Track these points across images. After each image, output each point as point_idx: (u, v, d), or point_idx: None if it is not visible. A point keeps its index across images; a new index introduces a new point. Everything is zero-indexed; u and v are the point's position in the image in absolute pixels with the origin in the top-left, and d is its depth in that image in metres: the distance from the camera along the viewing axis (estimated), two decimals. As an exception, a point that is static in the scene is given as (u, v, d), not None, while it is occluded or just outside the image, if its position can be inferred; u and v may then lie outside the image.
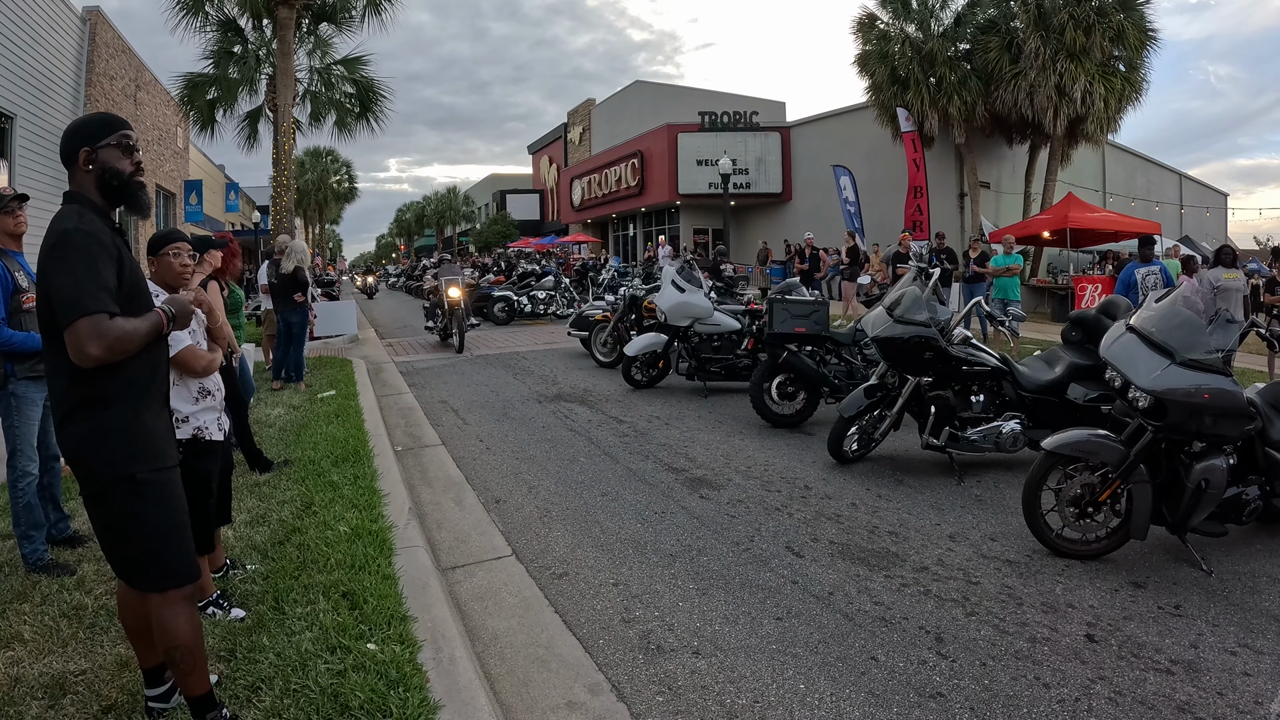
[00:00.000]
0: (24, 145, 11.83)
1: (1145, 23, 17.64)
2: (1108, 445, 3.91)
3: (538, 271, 19.79)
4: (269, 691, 2.62)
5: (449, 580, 3.85)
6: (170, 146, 20.34)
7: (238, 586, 3.50)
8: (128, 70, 16.67)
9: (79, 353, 2.07)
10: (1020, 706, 2.77)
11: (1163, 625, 3.38)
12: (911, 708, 2.78)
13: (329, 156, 46.48)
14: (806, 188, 27.80)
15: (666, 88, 39.35)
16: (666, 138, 29.32)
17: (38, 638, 3.02)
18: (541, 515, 4.85)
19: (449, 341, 13.04)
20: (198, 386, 3.16)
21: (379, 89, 16.27)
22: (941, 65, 19.18)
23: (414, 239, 69.88)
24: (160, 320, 2.27)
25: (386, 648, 2.86)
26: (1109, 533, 4.02)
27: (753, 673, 3.02)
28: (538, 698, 2.85)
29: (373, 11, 15.29)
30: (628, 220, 36.41)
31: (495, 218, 49.49)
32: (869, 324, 5.77)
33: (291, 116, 14.18)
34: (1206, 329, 3.80)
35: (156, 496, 2.25)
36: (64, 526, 4.05)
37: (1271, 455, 4.02)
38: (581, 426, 7.18)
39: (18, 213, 3.71)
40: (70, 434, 2.22)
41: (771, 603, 3.61)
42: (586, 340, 11.19)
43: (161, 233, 3.18)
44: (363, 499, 4.57)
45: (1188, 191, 32.97)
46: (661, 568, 4.02)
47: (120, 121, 2.37)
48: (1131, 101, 18.04)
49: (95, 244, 2.16)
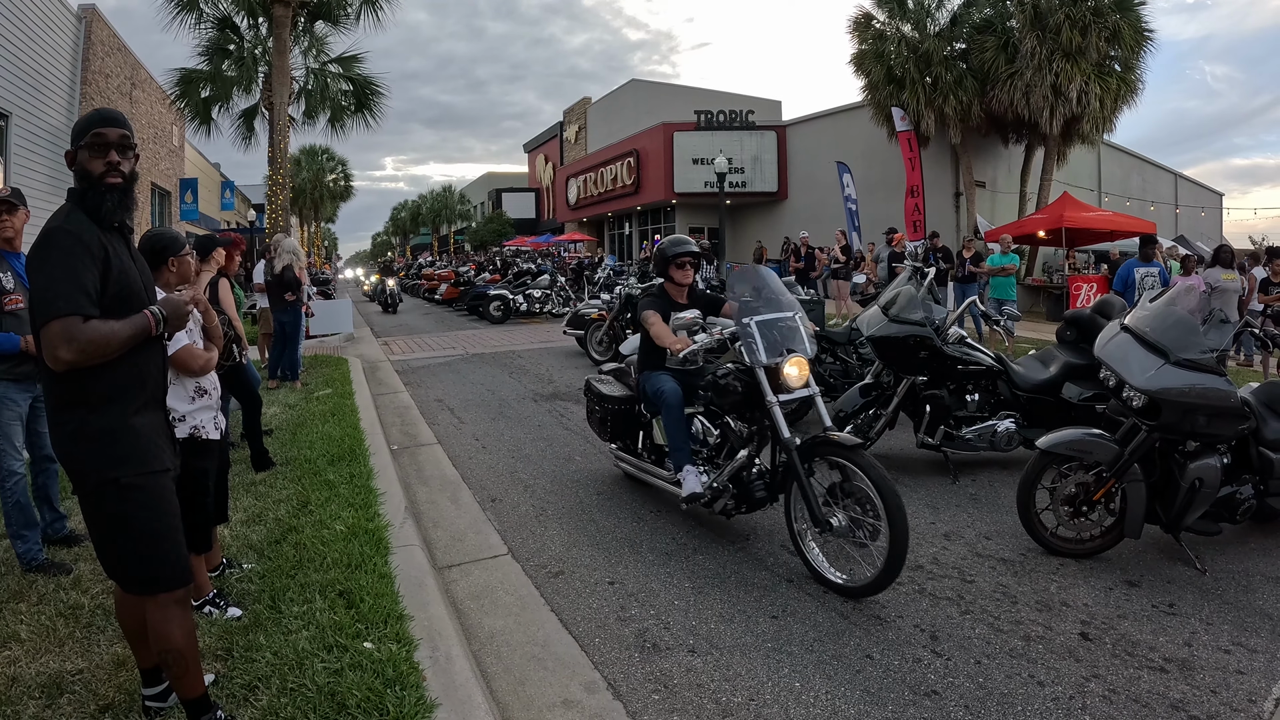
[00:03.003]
0: (19, 144, 11.77)
1: (1141, 23, 17.66)
2: (1102, 444, 3.93)
3: (533, 270, 19.78)
4: (266, 690, 2.62)
5: (445, 579, 3.85)
6: (165, 145, 20.27)
7: (234, 585, 3.50)
8: (123, 68, 16.61)
9: (50, 355, 2.04)
10: (1015, 704, 2.79)
11: (1157, 624, 3.40)
12: (906, 705, 2.80)
13: (325, 154, 46.34)
14: (802, 187, 27.81)
15: (662, 86, 39.35)
16: (662, 136, 29.31)
17: (34, 637, 3.02)
18: (537, 514, 4.85)
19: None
20: (194, 386, 3.15)
21: (375, 87, 16.24)
22: (937, 65, 19.19)
23: (410, 237, 69.80)
24: (147, 322, 2.21)
25: (383, 646, 2.86)
26: (1103, 531, 4.03)
27: (748, 671, 3.03)
28: (534, 696, 2.86)
29: (369, 9, 15.25)
30: (623, 219, 36.40)
31: (491, 216, 49.45)
32: (864, 323, 5.77)
33: (287, 115, 14.14)
34: (1201, 329, 3.82)
35: (144, 500, 2.23)
36: (60, 526, 4.05)
37: (1265, 454, 4.04)
38: (577, 425, 7.18)
39: (3, 217, 3.64)
40: (58, 434, 2.21)
41: (767, 601, 3.62)
42: (582, 339, 11.20)
43: (153, 245, 2.98)
44: (359, 498, 4.57)
45: (1183, 191, 33.04)
46: (657, 566, 4.03)
47: (99, 119, 2.28)
48: (1127, 101, 18.07)
49: (77, 244, 2.12)
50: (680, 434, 4.28)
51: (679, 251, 4.64)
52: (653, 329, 4.40)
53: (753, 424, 4.16)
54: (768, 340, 3.87)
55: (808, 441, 3.71)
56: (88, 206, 2.22)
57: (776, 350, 3.85)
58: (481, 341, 13.68)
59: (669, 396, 4.33)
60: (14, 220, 3.69)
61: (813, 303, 7.25)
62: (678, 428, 4.29)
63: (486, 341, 13.66)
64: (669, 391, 4.34)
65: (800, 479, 3.66)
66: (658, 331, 4.36)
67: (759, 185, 28.64)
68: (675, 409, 4.30)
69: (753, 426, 4.16)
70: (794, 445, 3.69)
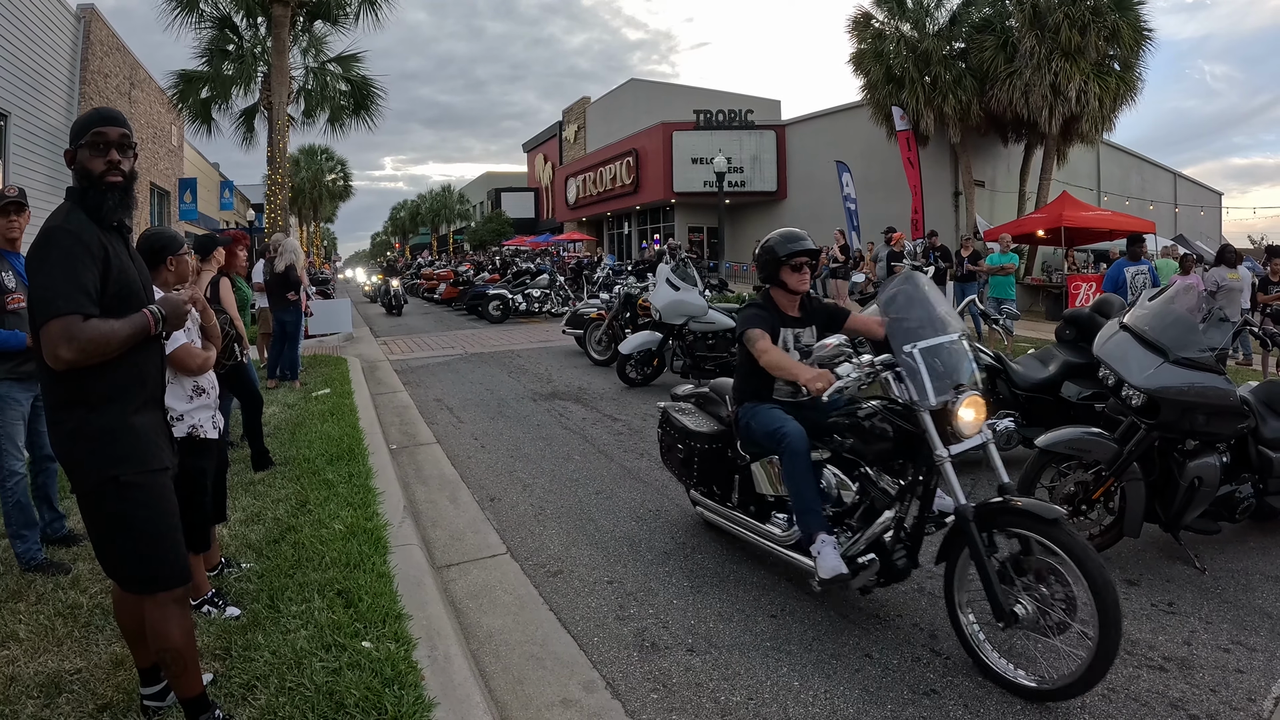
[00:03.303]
0: (18, 143, 11.77)
1: (1140, 22, 17.69)
2: (1101, 443, 3.93)
3: (532, 270, 19.79)
4: (264, 689, 2.61)
5: (444, 578, 3.85)
6: (165, 144, 20.25)
7: (233, 585, 3.49)
8: (122, 68, 16.59)
9: (51, 355, 2.04)
10: (1014, 703, 2.79)
11: (1156, 622, 3.40)
12: (905, 704, 2.80)
13: (324, 154, 46.36)
14: (801, 186, 27.84)
15: (661, 86, 39.37)
16: (661, 136, 29.34)
17: (33, 637, 3.01)
18: (536, 513, 4.85)
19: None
20: (192, 385, 3.15)
21: (373, 87, 16.24)
22: (937, 64, 19.22)
23: (409, 237, 69.83)
24: (146, 321, 2.20)
25: (381, 645, 2.86)
26: (1102, 530, 4.03)
27: (747, 670, 3.03)
28: (532, 695, 2.86)
29: (367, 9, 15.25)
30: (623, 218, 36.42)
31: (490, 216, 49.48)
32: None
33: (286, 114, 14.14)
34: (1200, 327, 3.82)
35: (143, 499, 2.23)
36: (59, 526, 4.04)
37: (1265, 453, 4.04)
38: (576, 424, 7.18)
39: (13, 217, 3.68)
40: (58, 433, 2.21)
41: (766, 600, 3.62)
42: (581, 338, 11.20)
43: (151, 244, 2.99)
44: (358, 497, 4.57)
45: (1182, 190, 33.07)
46: (656, 565, 4.03)
47: (99, 118, 2.28)
48: (1126, 101, 18.10)
49: (77, 243, 2.12)
50: (810, 489, 3.31)
51: (794, 250, 3.62)
52: (766, 357, 3.42)
53: (901, 476, 3.28)
54: (934, 373, 3.04)
55: (986, 508, 2.92)
56: (88, 205, 2.22)
57: (945, 386, 3.03)
58: (480, 341, 13.68)
59: (793, 440, 3.33)
60: (21, 220, 3.75)
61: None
62: (805, 481, 3.32)
63: (485, 341, 13.67)
64: (792, 434, 3.34)
65: (981, 561, 2.85)
66: (776, 361, 3.40)
67: (758, 185, 28.68)
68: (802, 457, 3.33)
69: (902, 480, 3.27)
70: (971, 514, 2.90)
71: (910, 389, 3.04)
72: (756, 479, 3.76)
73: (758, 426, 3.55)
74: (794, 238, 3.66)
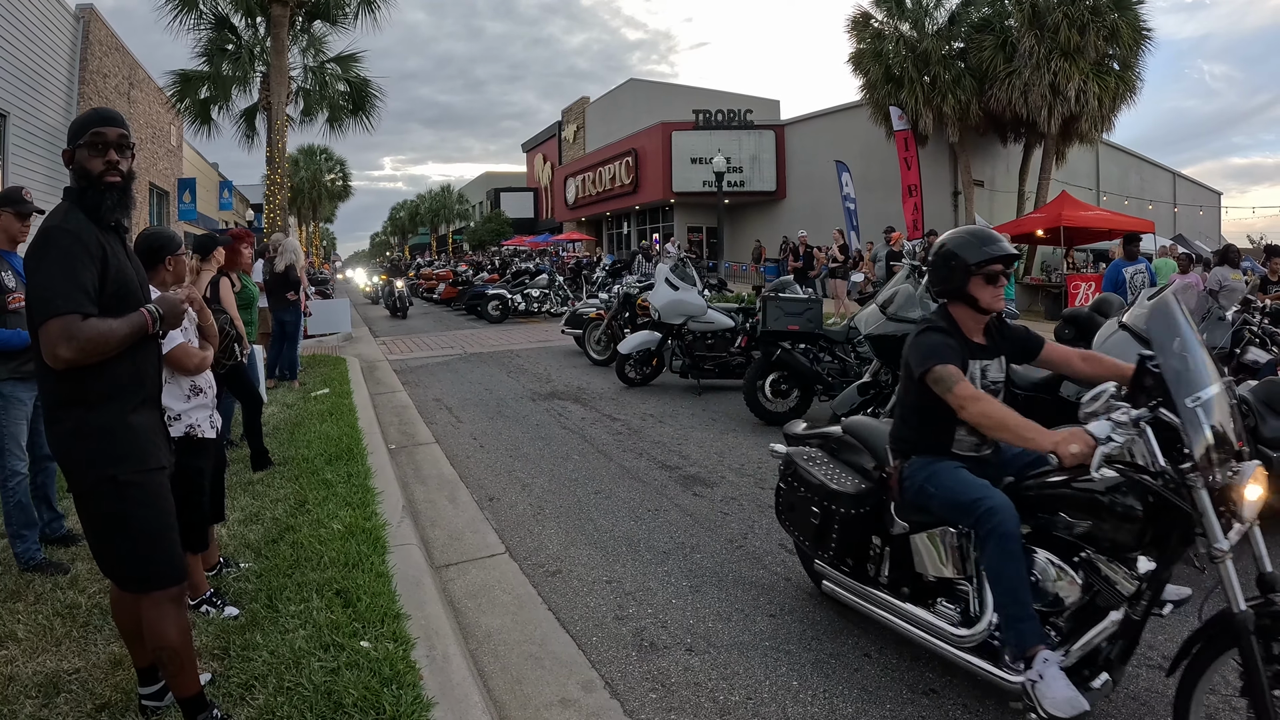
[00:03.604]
0: (17, 143, 11.77)
1: (1139, 22, 17.72)
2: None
3: (532, 269, 19.79)
4: (263, 689, 2.61)
5: (442, 578, 3.85)
6: (164, 145, 20.25)
7: (231, 584, 3.49)
8: (121, 68, 16.59)
9: (50, 354, 2.04)
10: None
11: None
12: (904, 704, 2.80)
13: (323, 154, 46.28)
14: (801, 186, 27.84)
15: (661, 86, 39.37)
16: (661, 136, 29.34)
17: (31, 636, 3.01)
18: (535, 513, 4.85)
19: None
20: (190, 384, 3.14)
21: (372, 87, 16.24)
22: (936, 64, 19.23)
23: (408, 237, 69.84)
24: (144, 320, 2.20)
25: (380, 645, 2.86)
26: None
27: (745, 670, 3.03)
28: (531, 695, 2.86)
29: (366, 9, 15.24)
30: (622, 218, 36.41)
31: (489, 216, 49.49)
32: (862, 322, 5.78)
33: (285, 114, 14.13)
34: (1199, 326, 3.81)
35: (141, 498, 2.23)
36: (58, 525, 4.04)
37: (1264, 452, 4.03)
38: (575, 424, 7.18)
39: (28, 222, 3.69)
40: (56, 433, 2.21)
41: (765, 600, 3.62)
42: (580, 338, 11.20)
43: (149, 244, 2.99)
44: (356, 497, 4.57)
45: (1181, 190, 33.08)
46: (655, 565, 4.03)
47: (98, 118, 2.28)
48: (1126, 100, 18.12)
49: (75, 242, 2.12)
50: (1024, 587, 2.49)
51: (991, 254, 2.75)
52: (977, 407, 2.58)
53: (1130, 565, 2.54)
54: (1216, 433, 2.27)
55: (1269, 613, 2.26)
56: (86, 205, 2.22)
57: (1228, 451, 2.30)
58: (479, 341, 13.68)
59: (1003, 519, 2.50)
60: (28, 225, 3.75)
61: (810, 301, 7.24)
62: (1019, 575, 2.48)
63: (484, 341, 13.67)
64: (1001, 509, 2.52)
65: (1260, 686, 2.18)
66: (999, 418, 2.53)
67: (757, 184, 28.68)
68: (1015, 541, 2.50)
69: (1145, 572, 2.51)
70: (1252, 624, 2.26)
71: (1195, 453, 2.26)
72: (919, 555, 2.90)
73: (940, 493, 2.73)
74: (988, 239, 2.81)
